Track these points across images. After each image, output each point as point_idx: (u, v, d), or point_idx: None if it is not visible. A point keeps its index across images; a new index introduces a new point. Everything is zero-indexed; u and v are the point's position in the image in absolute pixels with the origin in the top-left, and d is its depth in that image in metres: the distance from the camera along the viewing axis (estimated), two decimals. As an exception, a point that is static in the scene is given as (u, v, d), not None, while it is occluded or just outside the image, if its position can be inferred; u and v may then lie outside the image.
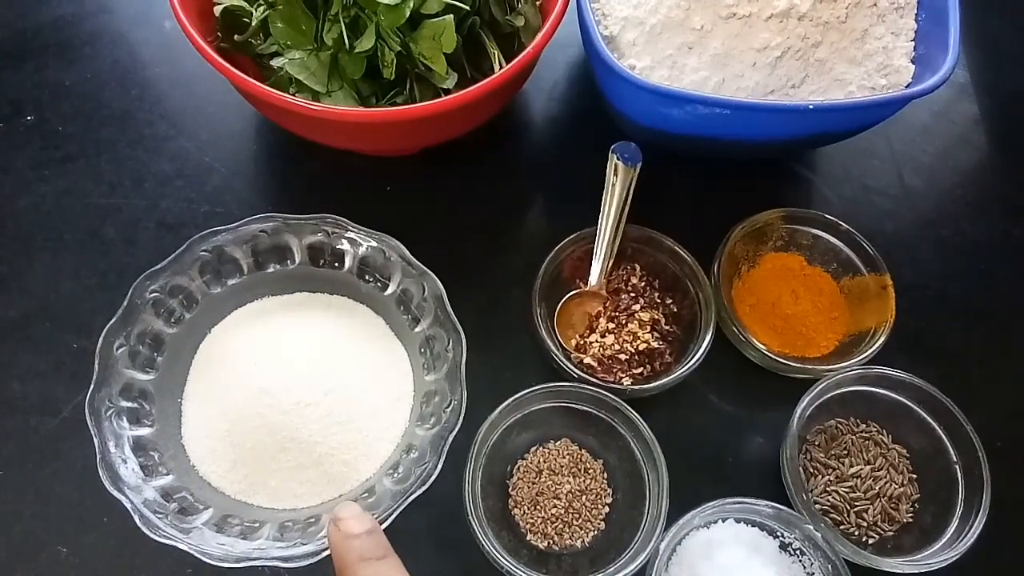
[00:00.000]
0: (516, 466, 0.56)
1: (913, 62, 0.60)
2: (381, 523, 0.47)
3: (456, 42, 0.55)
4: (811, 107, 0.54)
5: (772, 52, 0.57)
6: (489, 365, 0.59)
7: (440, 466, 0.49)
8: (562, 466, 0.56)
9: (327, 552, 0.46)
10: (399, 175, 0.68)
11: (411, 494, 0.48)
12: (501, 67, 0.55)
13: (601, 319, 0.59)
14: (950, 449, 0.55)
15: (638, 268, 0.62)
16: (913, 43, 0.61)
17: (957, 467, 0.54)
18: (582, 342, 0.59)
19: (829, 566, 0.51)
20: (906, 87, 0.59)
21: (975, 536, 0.51)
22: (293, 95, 0.54)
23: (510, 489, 0.55)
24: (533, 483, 0.55)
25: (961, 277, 0.66)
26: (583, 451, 0.57)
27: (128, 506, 0.47)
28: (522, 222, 0.68)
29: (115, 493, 0.47)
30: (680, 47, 0.59)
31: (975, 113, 0.76)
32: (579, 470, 0.56)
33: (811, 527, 0.51)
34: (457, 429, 0.50)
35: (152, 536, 0.46)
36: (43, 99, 0.70)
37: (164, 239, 0.64)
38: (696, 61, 0.59)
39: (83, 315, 0.61)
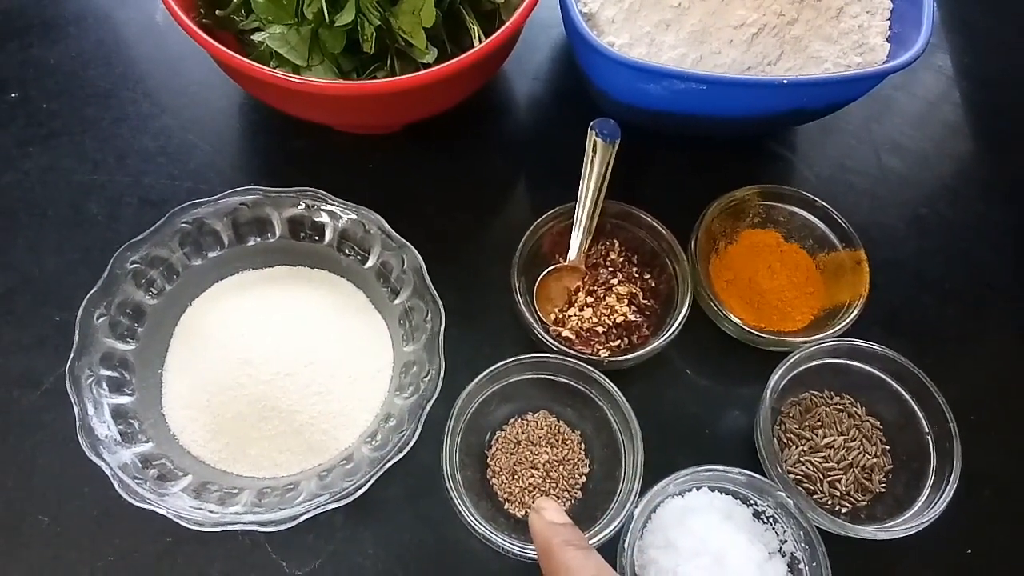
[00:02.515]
0: (495, 437, 0.57)
1: (888, 41, 0.61)
2: (359, 489, 0.48)
3: (436, 17, 0.56)
4: (785, 82, 0.54)
5: (748, 29, 0.58)
6: (470, 339, 0.60)
7: (418, 434, 0.50)
8: (540, 437, 0.56)
9: (305, 517, 0.47)
10: (382, 153, 0.68)
11: (388, 461, 0.49)
12: (480, 42, 0.56)
13: (580, 293, 0.60)
14: (922, 420, 0.55)
15: (617, 243, 0.62)
16: (888, 22, 0.62)
17: (929, 438, 0.55)
18: (561, 316, 0.60)
19: (801, 533, 0.52)
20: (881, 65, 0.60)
21: (945, 504, 0.52)
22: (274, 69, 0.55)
23: (488, 459, 0.56)
24: (511, 454, 0.56)
25: (937, 255, 0.67)
26: (561, 422, 0.57)
27: (107, 471, 0.47)
28: (504, 199, 0.68)
29: (94, 459, 0.47)
30: (658, 24, 0.59)
31: (955, 97, 0.77)
32: (557, 441, 0.56)
33: (784, 495, 0.52)
34: (435, 397, 0.51)
35: (131, 501, 0.46)
36: (28, 77, 0.71)
37: (147, 215, 0.64)
38: (674, 38, 0.59)
39: (66, 289, 0.61)
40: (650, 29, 0.60)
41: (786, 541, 0.52)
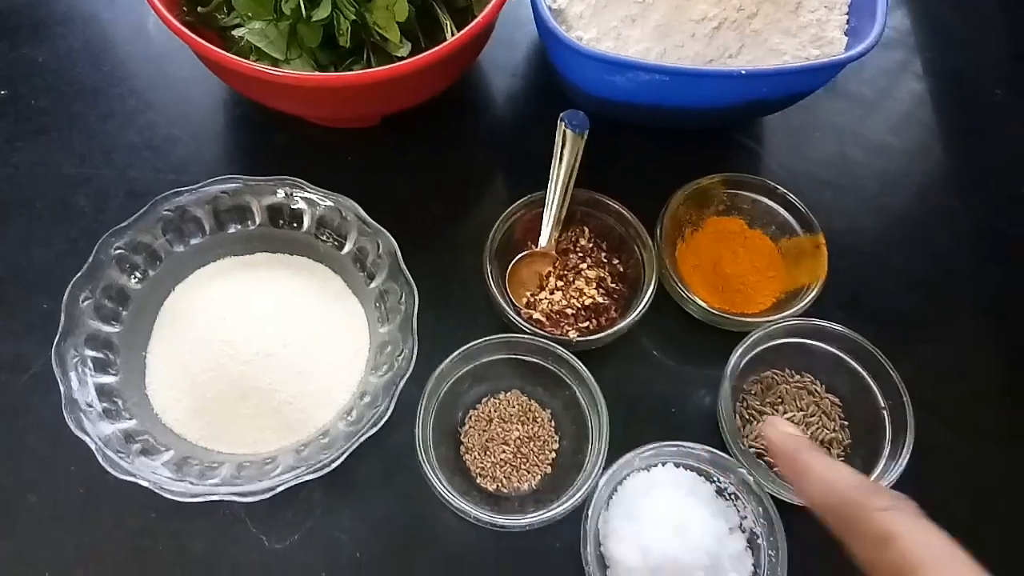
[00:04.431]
0: (468, 415, 0.59)
1: (846, 35, 0.64)
2: (335, 461, 0.50)
3: (409, 12, 0.58)
4: (743, 72, 0.57)
5: (709, 23, 0.60)
6: (445, 324, 0.62)
7: (391, 409, 0.52)
8: (512, 415, 0.58)
9: (282, 488, 0.49)
10: (361, 146, 0.70)
11: (363, 434, 0.51)
12: (452, 36, 0.58)
13: (551, 278, 0.62)
14: (878, 395, 0.58)
15: (587, 230, 0.65)
16: (847, 16, 0.64)
17: (885, 412, 0.57)
18: (533, 299, 0.62)
19: (761, 509, 0.53)
20: (839, 58, 0.62)
21: (899, 473, 0.54)
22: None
23: (462, 436, 0.58)
24: (484, 431, 0.58)
25: (898, 242, 0.70)
26: (532, 401, 0.59)
27: (92, 445, 0.49)
28: (479, 190, 0.71)
29: (78, 433, 0.49)
30: (624, 19, 0.62)
31: (919, 91, 0.79)
32: (528, 418, 0.58)
33: (745, 471, 0.54)
34: (408, 374, 0.53)
35: (113, 473, 0.48)
36: (17, 75, 0.73)
37: (132, 207, 0.65)
38: (639, 32, 0.62)
39: (54, 279, 0.62)
40: (617, 24, 0.62)
41: (746, 517, 0.54)
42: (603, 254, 0.64)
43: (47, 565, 0.53)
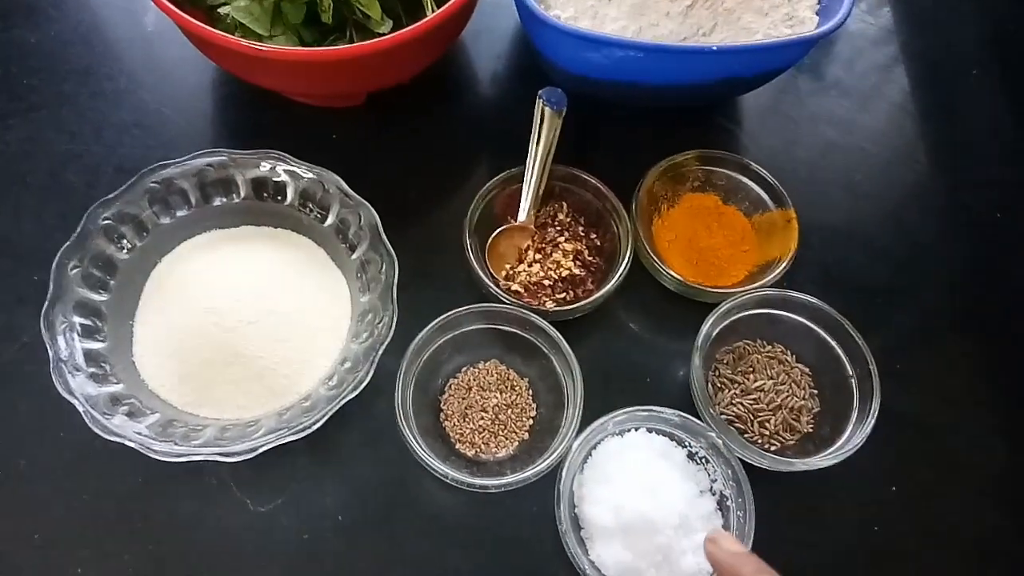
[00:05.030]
0: (448, 384, 0.60)
1: (818, 14, 0.65)
2: (315, 424, 0.52)
3: (390, -10, 0.59)
4: (715, 49, 0.58)
5: (683, 2, 0.62)
6: (427, 296, 0.63)
7: (371, 374, 0.54)
8: (490, 383, 0.60)
9: (264, 448, 0.51)
10: (346, 124, 0.72)
11: (343, 398, 0.52)
12: (433, 12, 0.60)
13: (530, 251, 0.64)
14: (846, 363, 0.59)
15: (565, 205, 0.66)
16: (819, -4, 0.66)
17: (852, 380, 0.59)
18: (512, 272, 0.63)
19: (730, 472, 0.55)
20: (809, 36, 0.64)
21: (865, 437, 0.56)
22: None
23: (442, 404, 0.60)
24: (463, 399, 0.60)
25: (869, 217, 0.71)
26: (510, 370, 0.61)
27: (79, 407, 0.50)
28: (461, 166, 0.72)
29: (66, 395, 0.51)
30: (601, -2, 0.63)
31: (895, 74, 0.81)
32: (506, 387, 0.60)
33: (715, 435, 0.56)
34: (388, 341, 0.54)
35: (100, 433, 0.50)
36: (10, 56, 0.74)
37: (121, 182, 0.66)
38: (616, 11, 0.63)
39: (45, 252, 0.63)
40: (593, 3, 0.64)
41: (716, 480, 0.56)
42: (580, 228, 0.65)
43: (37, 527, 0.55)
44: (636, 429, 0.58)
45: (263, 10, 0.59)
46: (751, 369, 0.61)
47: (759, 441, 0.59)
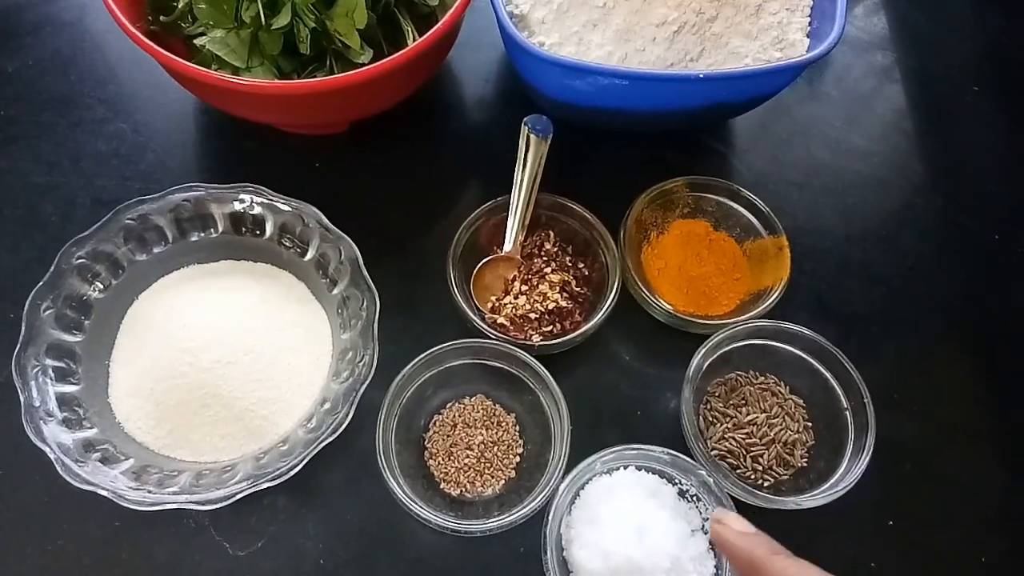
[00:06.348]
0: (432, 421, 0.59)
1: (808, 36, 0.64)
2: (292, 469, 0.50)
3: (369, 19, 0.58)
4: (701, 76, 0.57)
5: (670, 27, 0.61)
6: (412, 330, 0.62)
7: (351, 416, 0.52)
8: (476, 419, 0.59)
9: (240, 496, 0.49)
10: (329, 152, 0.71)
11: (321, 442, 0.51)
12: (415, 42, 0.59)
13: (515, 282, 0.63)
14: (840, 395, 0.58)
15: (552, 234, 0.65)
16: (809, 18, 0.65)
17: (847, 413, 0.57)
18: (497, 304, 0.62)
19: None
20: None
21: (861, 472, 0.54)
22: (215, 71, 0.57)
23: (426, 442, 0.58)
24: (448, 436, 0.58)
25: (863, 242, 0.70)
26: (497, 406, 0.59)
27: (50, 455, 0.49)
28: (447, 194, 0.71)
29: (38, 442, 0.49)
30: (586, 24, 0.62)
31: (889, 93, 0.79)
32: (492, 423, 0.59)
33: (705, 473, 0.54)
34: (368, 381, 0.53)
35: (71, 481, 0.48)
36: (-13, 85, 0.73)
37: (99, 215, 0.65)
38: (600, 37, 0.62)
39: (21, 287, 0.62)
40: (578, 29, 0.62)
41: (708, 519, 0.55)
42: (568, 258, 0.64)
43: (11, 573, 0.53)
44: (624, 467, 0.56)
45: (240, 41, 0.58)
46: (744, 401, 0.59)
47: (752, 477, 0.57)
